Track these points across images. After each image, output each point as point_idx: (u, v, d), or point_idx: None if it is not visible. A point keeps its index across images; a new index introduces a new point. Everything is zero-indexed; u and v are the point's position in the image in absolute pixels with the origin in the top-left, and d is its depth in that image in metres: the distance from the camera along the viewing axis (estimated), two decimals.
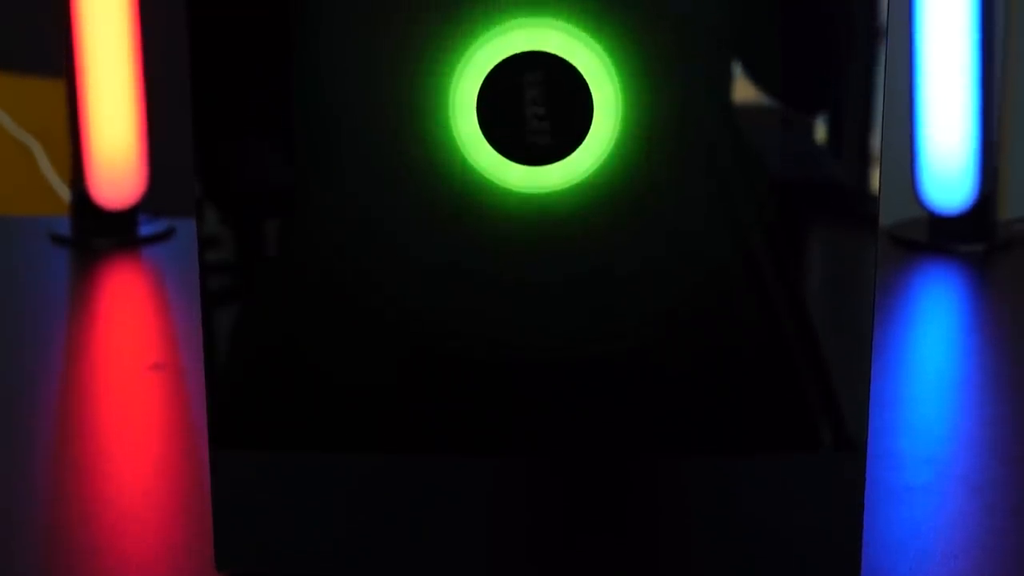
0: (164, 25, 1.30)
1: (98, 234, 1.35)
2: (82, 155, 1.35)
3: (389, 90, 0.68)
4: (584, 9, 0.67)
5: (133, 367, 1.03)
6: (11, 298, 1.21)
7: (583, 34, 0.67)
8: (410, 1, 0.67)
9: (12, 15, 1.82)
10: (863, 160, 0.69)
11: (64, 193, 1.74)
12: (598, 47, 0.67)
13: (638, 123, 0.68)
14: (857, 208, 0.69)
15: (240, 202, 0.70)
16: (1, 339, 1.11)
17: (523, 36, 0.67)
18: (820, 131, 0.69)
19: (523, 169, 0.68)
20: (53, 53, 1.36)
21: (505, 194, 0.69)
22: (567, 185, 0.69)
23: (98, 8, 1.32)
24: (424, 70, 0.68)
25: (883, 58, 0.68)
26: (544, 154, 0.68)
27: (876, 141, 0.69)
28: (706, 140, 0.69)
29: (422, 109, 0.68)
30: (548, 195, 0.69)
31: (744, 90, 0.68)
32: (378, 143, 0.69)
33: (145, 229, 1.37)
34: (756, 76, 0.68)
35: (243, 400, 0.72)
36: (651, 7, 0.67)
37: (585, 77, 0.68)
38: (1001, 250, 1.31)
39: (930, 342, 1.11)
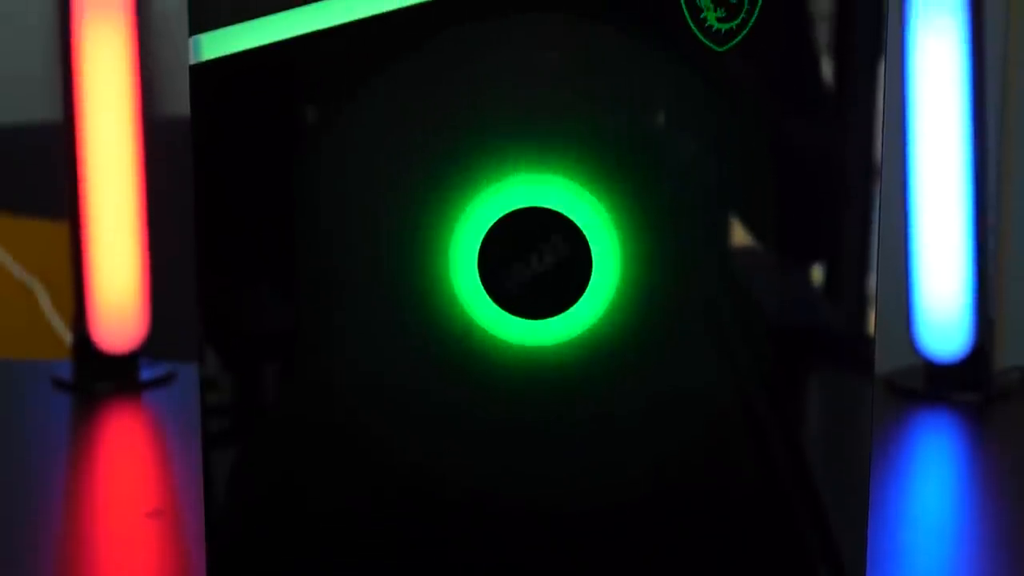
0: (168, 170, 1.31)
1: (99, 378, 1.35)
2: (84, 298, 1.35)
3: (390, 242, 0.69)
4: (582, 165, 0.68)
5: (131, 514, 1.03)
6: (12, 443, 1.21)
7: (582, 190, 0.68)
8: (411, 155, 0.68)
9: (17, 156, 1.83)
10: (860, 304, 0.70)
11: (65, 335, 1.75)
12: (597, 202, 0.69)
13: (637, 277, 0.69)
14: (853, 353, 0.70)
15: (242, 346, 0.71)
16: (1, 485, 1.11)
17: (523, 191, 0.68)
18: (817, 275, 0.70)
19: (523, 323, 0.69)
20: (57, 195, 1.38)
21: (504, 347, 0.69)
22: (567, 339, 0.69)
23: (103, 152, 1.34)
24: (425, 223, 0.69)
25: (878, 203, 0.69)
26: (544, 308, 0.69)
27: (872, 284, 0.69)
28: (704, 291, 0.69)
29: (422, 262, 0.69)
30: (548, 348, 0.69)
31: (741, 237, 0.69)
32: (378, 293, 0.70)
33: (146, 373, 1.37)
34: (752, 227, 0.69)
35: (241, 544, 0.72)
36: (648, 163, 0.69)
37: (584, 232, 0.69)
38: (998, 399, 1.31)
39: (927, 492, 1.11)
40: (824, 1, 0.69)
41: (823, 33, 0.69)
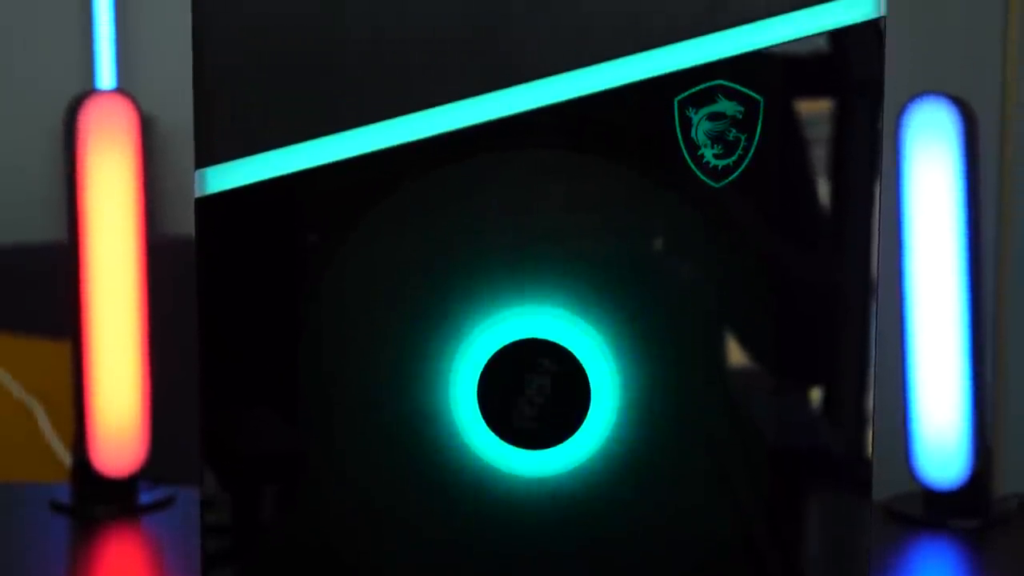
0: (171, 292, 1.32)
1: (98, 501, 1.35)
2: (84, 420, 1.35)
3: (390, 371, 0.70)
4: (581, 296, 0.69)
5: None
6: (10, 569, 1.20)
7: (581, 321, 0.69)
8: (412, 286, 0.69)
9: (19, 276, 1.84)
10: (858, 426, 0.70)
11: (64, 456, 1.75)
12: (596, 333, 0.69)
13: (636, 405, 0.69)
14: (852, 476, 0.70)
15: (242, 469, 0.71)
16: None
17: (523, 322, 0.69)
18: (815, 397, 0.70)
19: (523, 453, 0.69)
20: (59, 315, 1.38)
21: (504, 478, 0.70)
22: (566, 469, 0.70)
23: (106, 273, 1.34)
24: (425, 353, 0.69)
25: (875, 327, 0.70)
26: (543, 439, 0.69)
27: (870, 405, 0.70)
28: (703, 418, 0.70)
29: (422, 391, 0.70)
30: (547, 478, 0.70)
31: (739, 359, 0.70)
32: (378, 422, 0.70)
33: (145, 497, 1.37)
34: (751, 350, 0.70)
35: None
36: (646, 293, 0.69)
37: (583, 363, 0.69)
38: (997, 526, 1.31)
39: None
40: (821, 126, 0.70)
41: (820, 155, 0.70)
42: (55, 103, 1.67)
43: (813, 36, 0.69)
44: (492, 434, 0.70)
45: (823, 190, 0.70)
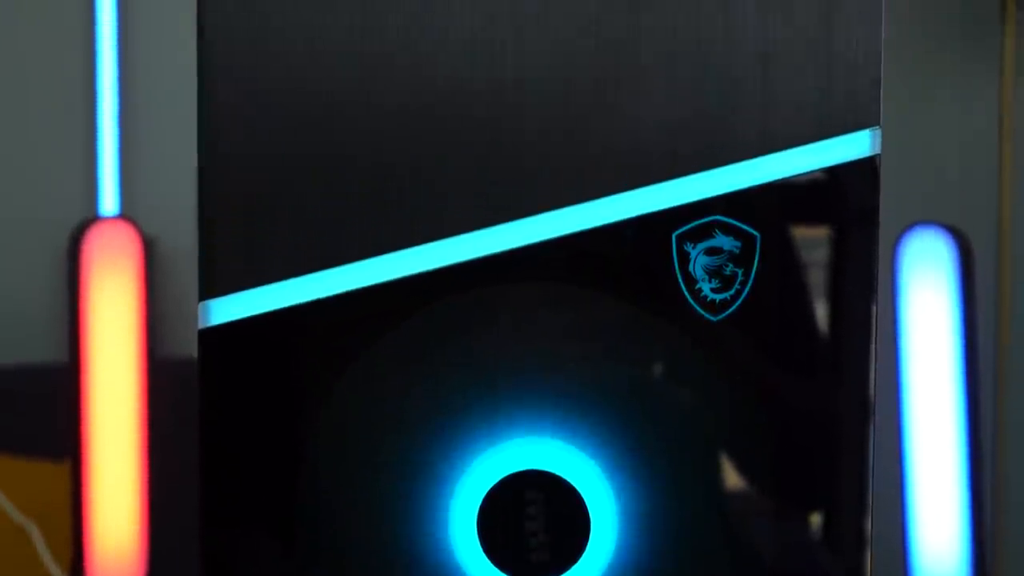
0: (171, 413, 1.32)
1: None
2: (83, 543, 1.35)
3: (388, 503, 0.70)
4: (579, 426, 0.70)
5: None
6: None
7: (579, 452, 0.70)
8: (411, 418, 0.70)
9: (17, 396, 1.85)
10: (857, 551, 0.70)
11: None
12: (593, 464, 0.70)
13: (635, 536, 0.70)
14: None
15: None
16: None
17: (521, 454, 0.70)
18: (814, 522, 0.71)
19: None
20: (57, 437, 1.39)
21: None
22: None
23: (107, 394, 1.35)
24: (424, 485, 0.70)
25: (872, 452, 0.70)
26: (543, 570, 0.69)
27: (869, 530, 0.70)
28: (703, 543, 0.70)
29: (421, 523, 0.70)
30: None
31: (737, 485, 0.70)
32: (377, 553, 0.70)
33: None
34: (749, 476, 0.70)
35: None
36: (644, 423, 0.70)
37: (582, 494, 0.70)
38: None
39: None
40: (819, 250, 0.71)
41: (817, 279, 0.71)
42: (58, 226, 1.68)
43: (809, 173, 0.70)
44: (491, 565, 0.70)
45: (820, 319, 0.71)
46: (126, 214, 1.67)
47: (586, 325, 0.70)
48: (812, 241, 0.71)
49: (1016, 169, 1.67)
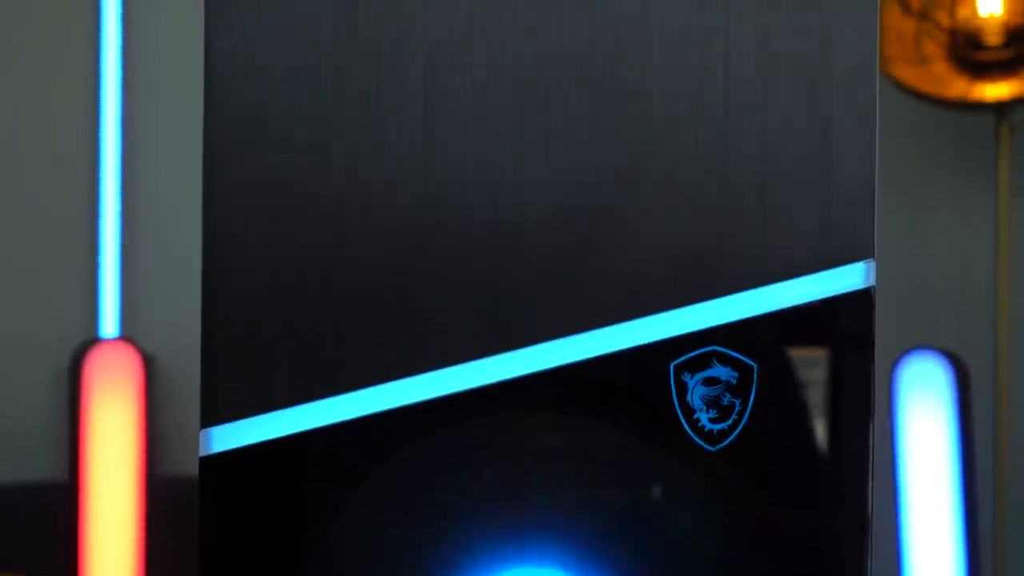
0: (170, 533, 1.32)
1: None
2: None
3: None
4: (580, 556, 0.70)
5: None
6: None
7: None
8: (411, 544, 0.70)
9: (17, 514, 1.84)
10: None
11: None
12: None
13: None
14: None
15: None
16: None
17: None
18: None
19: None
20: (55, 554, 1.38)
21: None
22: None
23: (106, 512, 1.35)
24: None
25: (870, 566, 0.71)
26: None
27: None
28: None
29: None
30: None
31: None
32: None
33: None
34: None
35: None
36: (643, 549, 0.70)
37: None
38: None
39: None
40: (817, 372, 0.71)
41: (815, 400, 0.72)
42: (59, 345, 1.69)
43: (805, 303, 0.71)
44: None
45: (818, 445, 0.72)
46: (127, 334, 1.68)
47: (585, 454, 0.71)
48: (809, 362, 0.72)
49: (1013, 294, 1.68)
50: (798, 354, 0.71)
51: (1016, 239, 1.75)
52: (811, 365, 0.72)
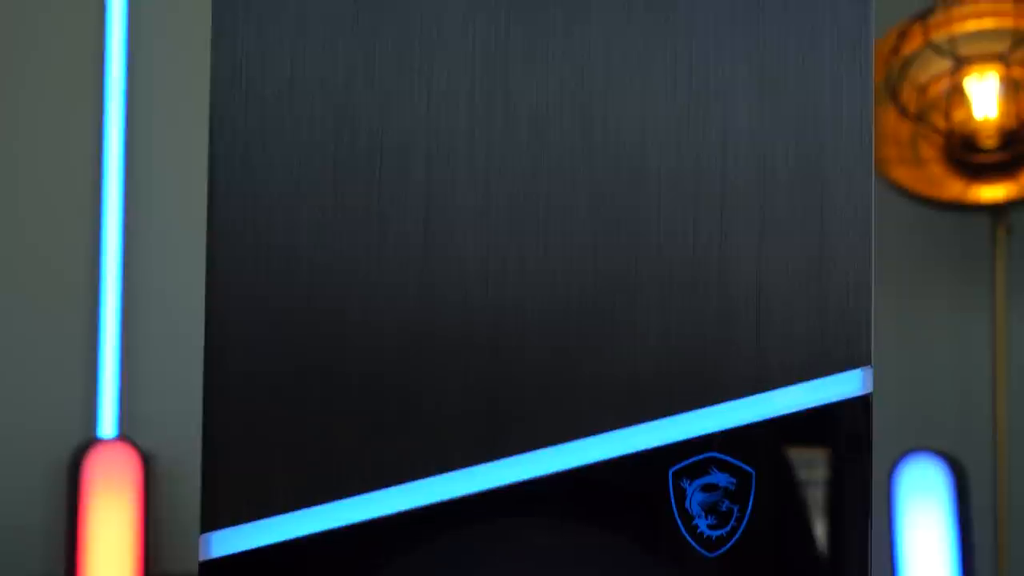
0: None
1: None
2: None
3: None
4: None
5: None
6: None
7: None
8: None
9: None
10: None
11: None
12: None
13: None
14: None
15: None
16: None
17: None
18: None
19: None
20: None
21: None
22: None
23: None
24: None
25: None
26: None
27: None
28: None
29: None
30: None
31: None
32: None
33: None
34: None
35: None
36: None
37: None
38: None
39: None
40: (816, 473, 0.72)
41: (813, 502, 0.72)
42: (58, 445, 1.69)
43: (803, 410, 0.71)
44: None
45: (817, 548, 0.72)
46: (126, 433, 1.68)
47: (585, 559, 0.71)
48: (808, 467, 0.72)
49: (1010, 395, 1.68)
50: (796, 459, 0.72)
51: (1013, 340, 1.75)
52: (809, 469, 0.72)
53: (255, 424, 0.71)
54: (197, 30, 1.57)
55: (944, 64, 1.74)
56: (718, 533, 0.70)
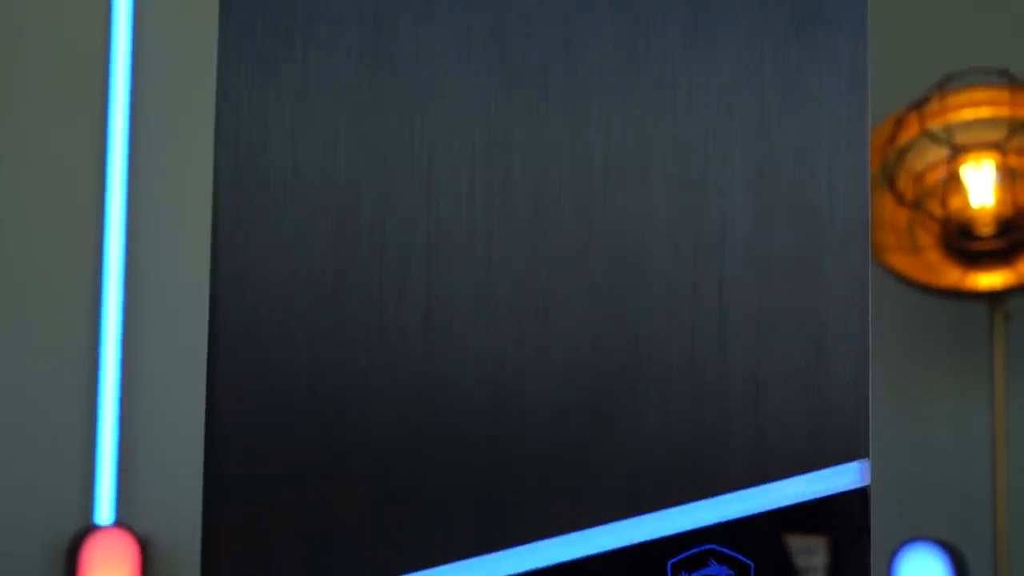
0: None
1: None
2: None
3: None
4: None
5: None
6: None
7: None
8: None
9: None
10: None
11: None
12: None
13: None
14: None
15: None
16: None
17: None
18: None
19: None
20: None
21: None
22: None
23: None
24: None
25: None
26: None
27: None
28: None
29: None
30: None
31: None
32: None
33: None
34: None
35: None
36: None
37: None
38: None
39: None
40: (814, 562, 0.71)
41: None
42: (55, 532, 1.68)
43: (801, 502, 0.71)
44: None
45: None
46: (124, 519, 1.67)
47: None
48: (806, 556, 0.72)
49: (1010, 482, 1.68)
50: (795, 550, 0.72)
51: (1012, 428, 1.75)
52: (808, 559, 0.72)
53: (254, 508, 0.71)
54: (199, 125, 1.59)
55: (940, 152, 1.75)
56: None
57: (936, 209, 1.75)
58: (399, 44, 0.74)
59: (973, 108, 1.76)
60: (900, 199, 1.75)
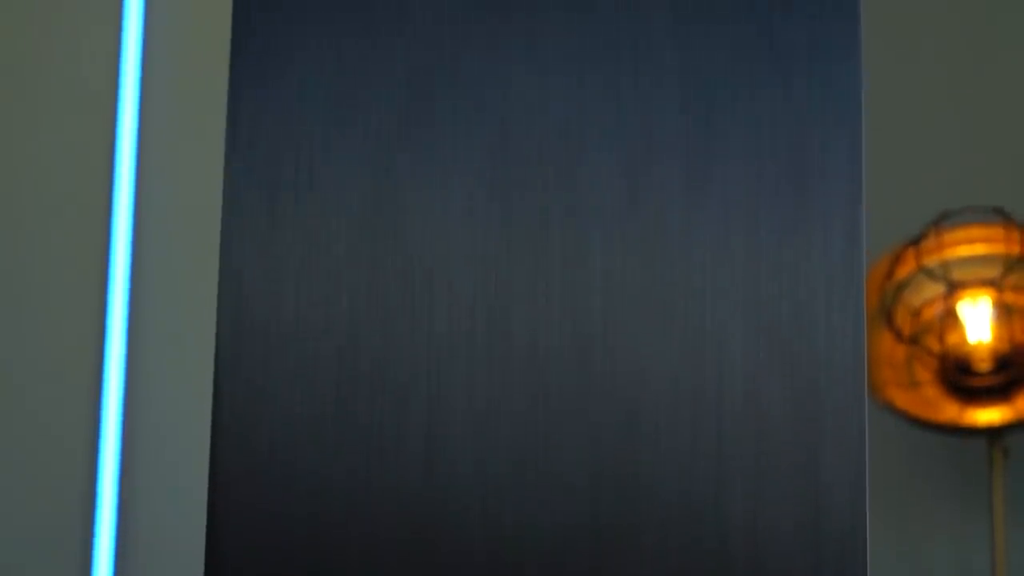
0: None
1: None
2: None
3: None
4: None
5: None
6: None
7: None
8: None
9: None
10: None
11: None
12: None
13: None
14: None
15: None
16: None
17: None
18: None
19: None
20: None
21: None
22: None
23: None
24: None
25: None
26: None
27: None
28: None
29: None
30: None
31: None
32: None
33: None
34: None
35: None
36: None
37: None
38: None
39: None
40: None
41: None
42: None
43: None
44: None
45: None
46: None
47: None
48: None
49: None
50: None
51: (1012, 563, 1.74)
52: None
53: None
54: (201, 284, 1.60)
55: (937, 288, 1.76)
56: None
57: (934, 345, 1.75)
58: (400, 196, 0.75)
59: (969, 245, 1.77)
60: (898, 335, 1.76)
